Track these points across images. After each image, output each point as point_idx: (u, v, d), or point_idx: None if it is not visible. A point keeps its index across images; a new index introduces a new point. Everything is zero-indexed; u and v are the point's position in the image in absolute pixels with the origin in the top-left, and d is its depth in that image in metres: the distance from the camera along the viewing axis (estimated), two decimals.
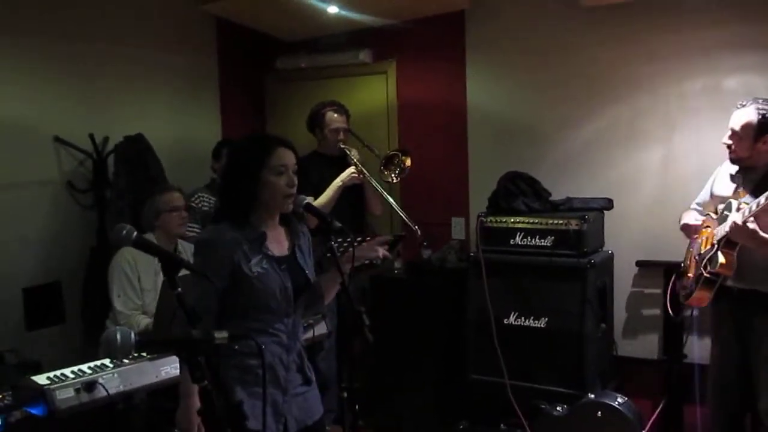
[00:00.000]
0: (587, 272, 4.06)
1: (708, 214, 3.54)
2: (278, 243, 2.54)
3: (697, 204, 3.70)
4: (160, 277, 3.59)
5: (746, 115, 3.25)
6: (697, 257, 3.48)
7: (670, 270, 4.34)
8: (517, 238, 4.30)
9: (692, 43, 4.31)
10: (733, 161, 3.36)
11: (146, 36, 5.01)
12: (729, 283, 3.31)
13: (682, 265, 3.68)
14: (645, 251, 4.48)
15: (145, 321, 3.66)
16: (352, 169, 4.22)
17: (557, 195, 4.51)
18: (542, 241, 4.23)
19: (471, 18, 5.04)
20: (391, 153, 4.38)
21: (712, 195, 3.57)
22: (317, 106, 4.48)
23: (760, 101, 3.26)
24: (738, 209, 3.17)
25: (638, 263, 4.51)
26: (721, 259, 3.21)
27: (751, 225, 3.02)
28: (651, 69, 4.45)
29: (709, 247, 3.35)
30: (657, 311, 4.47)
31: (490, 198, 4.52)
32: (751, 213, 3.02)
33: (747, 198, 3.21)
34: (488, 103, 5.05)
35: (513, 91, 4.95)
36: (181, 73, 5.35)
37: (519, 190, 4.43)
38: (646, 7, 4.38)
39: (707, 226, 3.48)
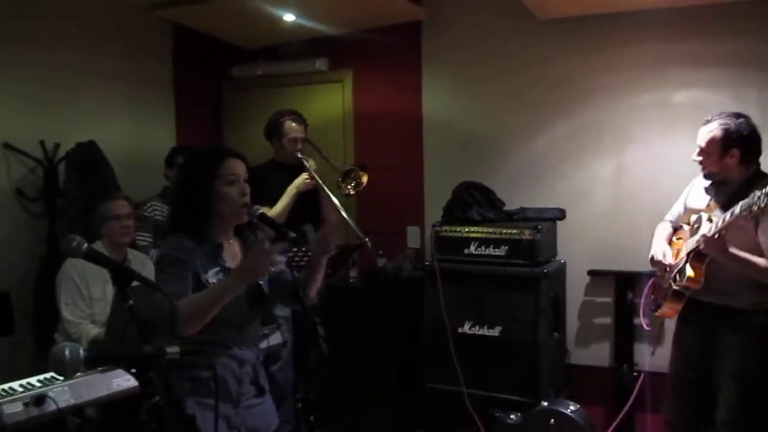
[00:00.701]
0: (540, 281, 4.11)
1: (682, 226, 3.53)
2: (233, 255, 2.54)
3: (671, 215, 3.67)
4: (110, 286, 3.55)
5: (710, 130, 3.25)
6: (668, 269, 3.48)
7: (621, 279, 4.43)
8: (472, 247, 4.33)
9: (644, 57, 4.41)
10: (706, 177, 3.36)
11: (100, 42, 4.93)
12: (699, 296, 3.31)
13: (658, 275, 3.66)
14: (597, 261, 4.56)
15: (94, 330, 3.61)
16: (305, 175, 4.22)
17: (511, 205, 4.56)
18: (496, 250, 4.27)
19: (427, 29, 5.08)
20: (349, 168, 4.40)
21: (686, 207, 3.56)
22: (275, 114, 4.47)
23: (724, 116, 3.26)
24: (709, 221, 3.16)
25: (590, 272, 4.59)
26: (689, 272, 3.21)
27: (718, 236, 3.01)
28: (604, 82, 4.53)
29: (679, 259, 3.36)
30: (608, 320, 4.55)
31: (445, 207, 4.56)
32: (723, 225, 3.00)
33: (718, 212, 3.20)
34: (444, 113, 5.09)
35: (469, 101, 4.99)
36: (135, 80, 5.27)
37: (474, 200, 4.46)
38: (600, 21, 4.46)
39: (680, 238, 3.49)
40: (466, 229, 4.36)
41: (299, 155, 4.35)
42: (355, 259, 5.01)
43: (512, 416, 3.94)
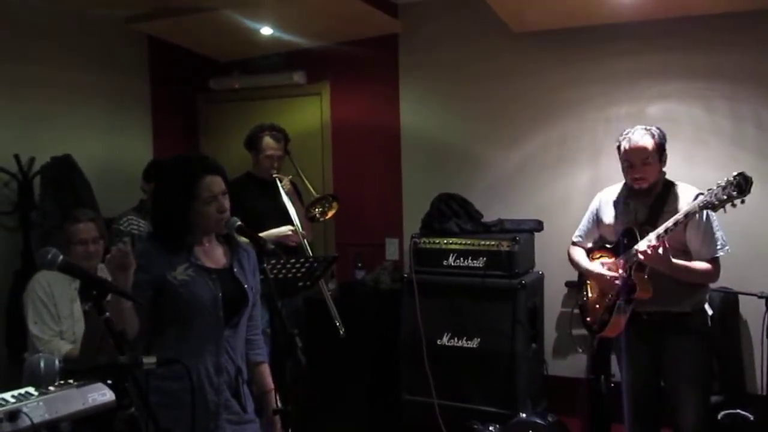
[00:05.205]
0: (518, 293, 4.13)
1: (605, 246, 3.53)
2: (211, 256, 2.52)
3: (580, 236, 3.66)
4: (77, 304, 3.50)
5: (643, 143, 3.27)
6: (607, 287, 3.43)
7: None
8: (450, 259, 4.35)
9: (617, 70, 4.47)
10: (645, 190, 3.34)
11: (75, 55, 4.91)
12: (639, 308, 3.31)
13: (584, 299, 3.65)
14: (574, 272, 4.53)
15: (66, 347, 3.55)
16: (288, 229, 4.18)
17: (489, 216, 4.58)
18: (474, 262, 4.28)
19: (404, 42, 5.11)
20: (322, 196, 4.40)
21: (599, 224, 3.56)
22: (256, 128, 4.44)
23: (639, 128, 3.32)
24: (641, 236, 3.18)
25: (567, 284, 4.60)
26: (639, 284, 3.21)
27: (661, 249, 3.04)
28: (578, 94, 4.58)
29: (618, 275, 3.32)
30: (585, 331, 4.56)
31: (424, 219, 4.57)
32: (661, 239, 3.04)
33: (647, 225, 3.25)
34: (421, 125, 5.11)
35: (446, 114, 5.02)
36: (112, 93, 5.25)
37: (452, 212, 4.48)
38: (575, 35, 4.52)
39: (601, 256, 3.50)
40: (445, 241, 4.38)
41: (274, 174, 4.33)
42: (334, 271, 5.00)
43: (490, 428, 3.94)
